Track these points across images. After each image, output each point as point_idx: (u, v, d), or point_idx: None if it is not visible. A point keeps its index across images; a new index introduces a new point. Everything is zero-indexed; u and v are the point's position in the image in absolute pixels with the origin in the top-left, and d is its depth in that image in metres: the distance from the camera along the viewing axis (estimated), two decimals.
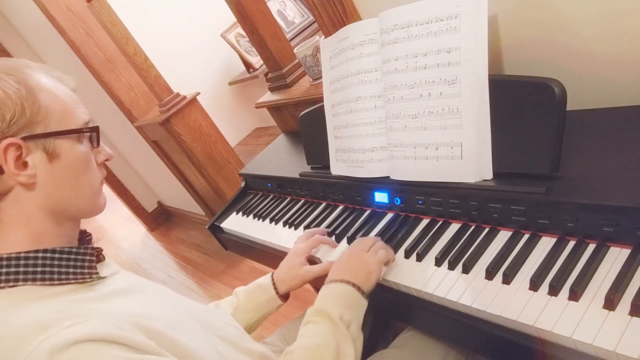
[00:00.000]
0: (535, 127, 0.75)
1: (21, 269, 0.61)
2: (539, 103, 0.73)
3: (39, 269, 0.62)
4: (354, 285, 0.79)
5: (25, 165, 0.63)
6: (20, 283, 0.61)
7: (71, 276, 0.65)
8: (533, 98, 0.74)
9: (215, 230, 1.45)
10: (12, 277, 0.61)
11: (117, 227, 4.36)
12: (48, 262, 0.63)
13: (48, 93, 0.65)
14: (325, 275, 0.96)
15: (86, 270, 0.67)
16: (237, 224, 1.37)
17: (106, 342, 0.55)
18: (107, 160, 0.75)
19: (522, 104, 0.76)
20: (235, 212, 1.42)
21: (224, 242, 1.46)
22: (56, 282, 0.63)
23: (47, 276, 0.63)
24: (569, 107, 0.73)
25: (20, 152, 0.62)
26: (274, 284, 0.98)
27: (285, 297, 0.99)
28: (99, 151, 0.74)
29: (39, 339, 0.53)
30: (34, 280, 0.62)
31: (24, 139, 0.62)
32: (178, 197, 3.41)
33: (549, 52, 0.89)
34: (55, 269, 0.64)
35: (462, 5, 0.79)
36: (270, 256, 1.20)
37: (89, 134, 0.70)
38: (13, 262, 0.61)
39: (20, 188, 0.64)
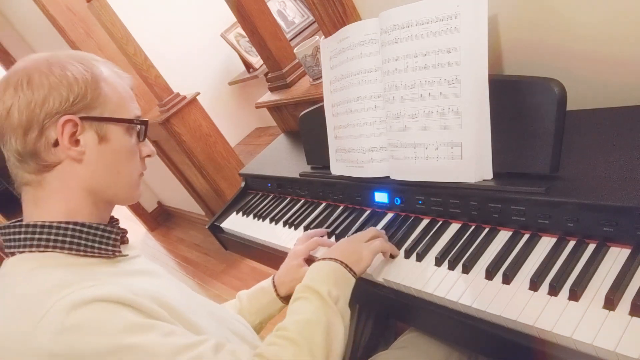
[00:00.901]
0: (535, 127, 0.75)
1: (52, 237, 0.66)
2: (539, 103, 0.73)
3: (67, 239, 0.67)
4: (342, 262, 0.82)
5: (77, 142, 0.68)
6: (49, 249, 0.66)
7: (96, 250, 0.69)
8: (533, 98, 0.74)
9: (215, 230, 1.45)
10: (43, 242, 0.66)
11: None
12: (77, 234, 0.68)
13: (109, 84, 0.72)
14: None
15: (110, 248, 0.72)
16: (237, 224, 1.37)
17: (121, 304, 0.59)
18: (149, 156, 0.80)
19: (522, 104, 0.76)
20: (235, 212, 1.42)
21: (224, 242, 1.46)
22: (82, 253, 0.68)
23: (74, 246, 0.67)
24: (569, 107, 0.73)
25: (76, 130, 0.68)
26: (274, 286, 0.99)
27: (286, 299, 0.99)
28: (144, 145, 0.79)
29: (60, 295, 0.58)
30: (62, 248, 0.66)
31: (82, 118, 0.68)
32: (178, 197, 3.41)
33: (549, 52, 0.89)
34: (83, 241, 0.68)
35: (462, 6, 0.79)
36: (270, 256, 1.20)
37: (137, 127, 0.76)
38: (46, 230, 0.66)
39: (68, 163, 0.68)
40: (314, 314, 0.73)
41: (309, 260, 1.01)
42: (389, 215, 0.99)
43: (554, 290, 0.64)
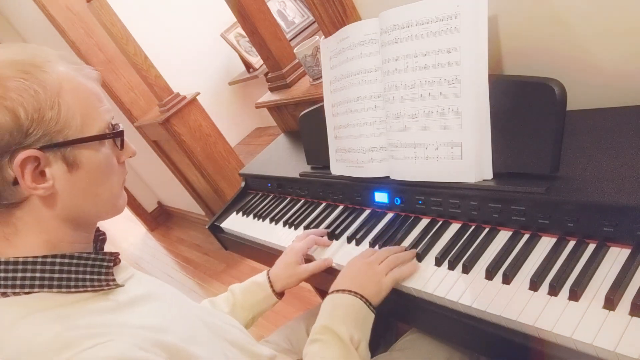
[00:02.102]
0: (535, 127, 0.75)
1: (37, 274, 0.58)
2: (539, 103, 0.73)
3: (55, 275, 0.59)
4: (361, 297, 0.76)
5: (42, 175, 0.58)
6: (35, 289, 0.58)
7: (88, 283, 0.62)
8: (533, 98, 0.74)
9: (215, 230, 1.45)
10: (27, 282, 0.57)
11: (117, 227, 4.36)
12: (65, 267, 0.60)
13: (69, 93, 0.59)
14: (320, 273, 0.96)
15: (103, 277, 0.64)
16: (237, 224, 1.37)
17: None
18: (129, 157, 0.71)
19: (522, 104, 0.76)
20: (235, 212, 1.42)
21: (224, 242, 1.46)
22: (73, 290, 0.60)
23: (63, 283, 0.59)
24: (569, 107, 0.73)
25: (38, 164, 0.57)
26: (270, 281, 0.98)
27: (280, 294, 0.99)
28: (123, 150, 0.70)
29: (60, 359, 0.51)
30: (50, 287, 0.58)
31: (43, 148, 0.57)
32: (178, 197, 3.41)
33: (549, 52, 0.89)
34: (73, 275, 0.60)
35: (462, 6, 0.79)
36: (270, 256, 1.20)
37: (118, 139, 0.66)
38: (29, 267, 0.58)
39: (36, 197, 0.60)
40: None
41: (307, 258, 1.01)
42: (389, 215, 0.99)
43: (554, 290, 0.64)
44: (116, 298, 0.64)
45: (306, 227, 1.12)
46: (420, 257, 0.83)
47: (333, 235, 1.03)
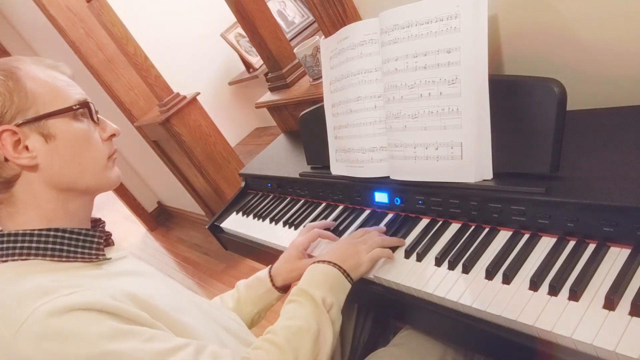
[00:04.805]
0: (535, 127, 0.75)
1: (33, 245, 0.66)
2: (539, 103, 0.73)
3: (49, 245, 0.67)
4: (339, 268, 0.82)
5: (27, 149, 0.67)
6: (31, 257, 0.66)
7: (79, 255, 0.69)
8: (533, 98, 0.74)
9: (215, 230, 1.45)
10: (24, 251, 0.66)
11: (117, 227, 4.35)
12: (58, 240, 0.68)
13: (35, 80, 0.69)
14: None
15: (93, 251, 0.71)
16: (237, 224, 1.37)
17: (99, 311, 0.59)
18: (113, 135, 0.77)
19: (522, 104, 0.76)
20: (235, 212, 1.42)
21: (224, 242, 1.46)
22: (64, 259, 0.68)
23: (56, 253, 0.67)
24: (569, 107, 0.73)
25: (18, 138, 0.66)
26: (270, 276, 0.99)
27: (283, 289, 1.00)
28: (103, 128, 0.76)
29: (39, 303, 0.57)
30: (44, 255, 0.66)
31: (18, 125, 0.66)
32: (178, 197, 3.41)
33: (549, 52, 0.89)
34: (65, 247, 0.68)
35: (462, 5, 0.79)
36: (270, 256, 1.20)
37: (85, 110, 0.73)
38: (27, 238, 0.66)
39: (27, 172, 0.68)
40: (305, 321, 0.73)
41: (309, 256, 1.01)
42: (389, 215, 0.99)
43: (554, 290, 0.64)
44: (106, 269, 0.72)
45: None
46: (420, 257, 0.84)
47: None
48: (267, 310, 1.02)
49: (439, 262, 0.80)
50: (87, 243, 0.71)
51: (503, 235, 0.79)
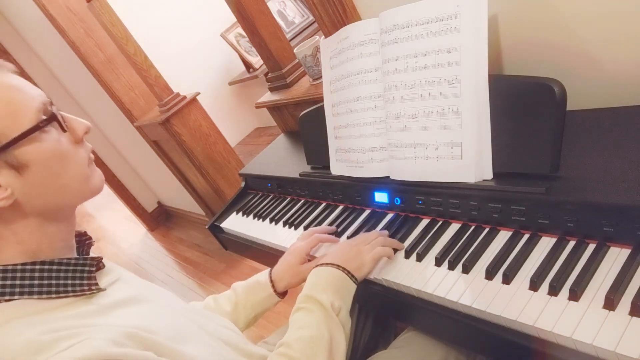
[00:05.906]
0: (535, 127, 0.75)
1: (17, 282, 0.58)
2: (539, 103, 0.73)
3: (35, 281, 0.59)
4: (343, 269, 0.81)
5: None
6: (16, 297, 0.58)
7: (69, 288, 0.62)
8: (533, 98, 0.74)
9: (215, 230, 1.45)
10: (7, 289, 0.58)
11: (117, 227, 4.35)
12: (45, 274, 0.60)
13: None
14: None
15: (85, 282, 0.64)
16: (237, 224, 1.37)
17: None
18: (86, 133, 0.67)
19: (522, 104, 0.76)
20: (235, 212, 1.42)
21: (224, 242, 1.46)
22: (54, 296, 0.60)
23: (44, 289, 0.60)
24: (569, 107, 0.73)
25: None
26: (271, 281, 0.98)
27: (283, 294, 0.99)
28: (73, 130, 0.65)
29: None
30: (30, 293, 0.59)
31: None
32: (178, 197, 3.41)
33: (549, 52, 0.89)
34: (53, 282, 0.60)
35: (462, 5, 0.79)
36: (270, 256, 1.20)
37: (54, 123, 0.62)
38: (9, 275, 0.58)
39: (4, 210, 0.59)
40: (317, 329, 0.72)
41: (310, 259, 1.01)
42: (389, 216, 0.99)
43: (554, 290, 0.64)
44: (99, 301, 0.64)
45: (306, 227, 1.12)
46: (420, 257, 0.84)
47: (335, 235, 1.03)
48: (262, 315, 1.01)
49: (439, 262, 0.80)
50: (78, 273, 0.63)
51: (503, 235, 0.79)
